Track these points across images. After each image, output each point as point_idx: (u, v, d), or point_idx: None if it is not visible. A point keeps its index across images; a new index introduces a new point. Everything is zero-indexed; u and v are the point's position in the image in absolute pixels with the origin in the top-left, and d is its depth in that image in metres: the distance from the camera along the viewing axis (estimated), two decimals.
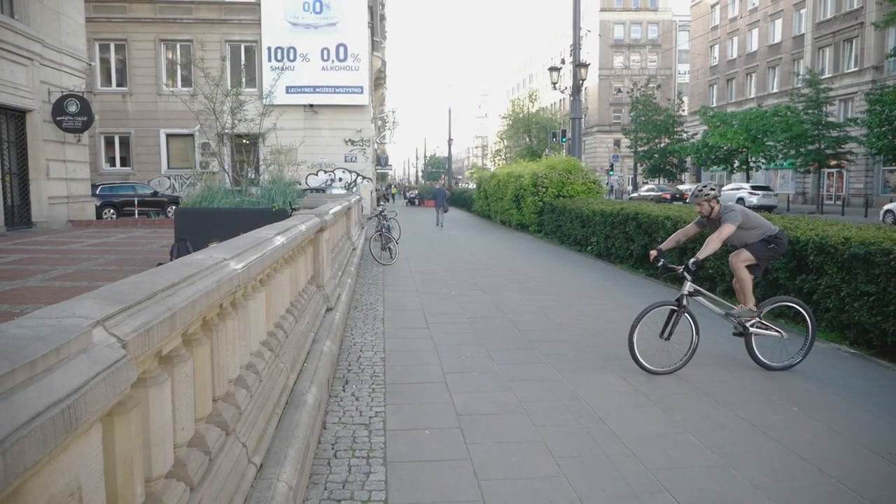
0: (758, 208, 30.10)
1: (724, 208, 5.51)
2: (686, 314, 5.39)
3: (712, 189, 5.62)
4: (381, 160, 48.45)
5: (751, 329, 5.52)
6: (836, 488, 3.40)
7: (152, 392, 1.73)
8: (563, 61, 23.25)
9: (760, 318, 5.55)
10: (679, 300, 5.40)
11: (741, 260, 5.50)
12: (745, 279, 5.51)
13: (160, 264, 6.34)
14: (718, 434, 4.10)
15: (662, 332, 5.43)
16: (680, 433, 4.12)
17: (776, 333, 5.55)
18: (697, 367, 5.47)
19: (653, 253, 5.65)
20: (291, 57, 26.53)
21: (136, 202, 22.00)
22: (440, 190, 24.61)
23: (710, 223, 5.64)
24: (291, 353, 3.88)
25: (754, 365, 5.54)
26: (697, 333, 5.41)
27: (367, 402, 4.63)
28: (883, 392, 4.97)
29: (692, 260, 5.30)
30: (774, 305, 5.76)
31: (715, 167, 42.80)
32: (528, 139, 51.17)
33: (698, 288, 5.56)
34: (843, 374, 5.40)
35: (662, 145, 47.21)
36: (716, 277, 8.77)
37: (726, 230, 5.30)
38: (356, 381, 5.14)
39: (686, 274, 5.37)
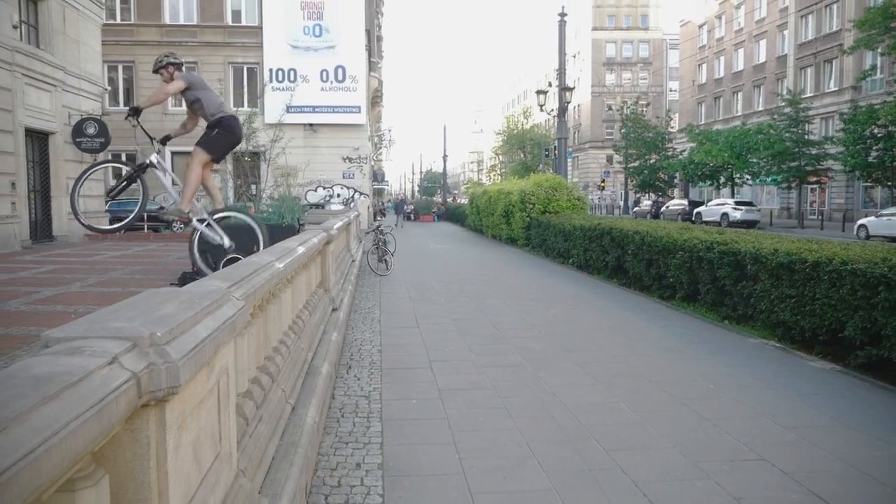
0: (741, 223, 31.46)
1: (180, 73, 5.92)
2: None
3: (167, 56, 6.02)
4: (377, 176, 49.70)
5: (194, 221, 6.04)
6: (723, 436, 4.49)
7: (238, 340, 2.82)
8: (549, 84, 24.52)
9: (211, 221, 6.10)
10: (144, 165, 5.91)
11: (200, 160, 5.81)
12: (194, 183, 5.81)
13: (185, 273, 7.36)
14: (644, 403, 5.20)
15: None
16: (614, 402, 5.22)
17: (218, 237, 6.16)
18: (642, 356, 6.57)
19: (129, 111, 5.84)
20: (292, 78, 27.76)
21: (145, 217, 23.03)
22: (400, 203, 39.59)
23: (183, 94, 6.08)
24: (308, 338, 4.97)
25: (684, 355, 6.63)
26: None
27: (366, 382, 5.72)
28: (789, 375, 6.08)
29: (133, 106, 5.80)
30: (222, 214, 6.39)
31: (702, 183, 44.15)
32: (522, 155, 52.52)
33: (160, 161, 5.98)
34: (762, 363, 6.50)
35: (652, 161, 48.55)
36: (676, 285, 9.90)
37: (175, 85, 5.72)
38: (357, 366, 6.23)
39: (152, 142, 6.00)
